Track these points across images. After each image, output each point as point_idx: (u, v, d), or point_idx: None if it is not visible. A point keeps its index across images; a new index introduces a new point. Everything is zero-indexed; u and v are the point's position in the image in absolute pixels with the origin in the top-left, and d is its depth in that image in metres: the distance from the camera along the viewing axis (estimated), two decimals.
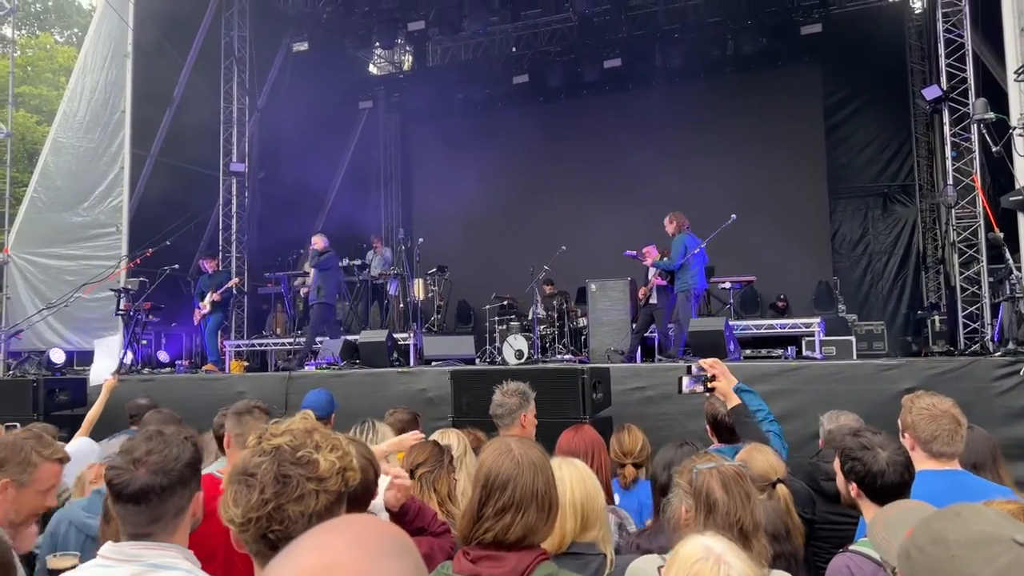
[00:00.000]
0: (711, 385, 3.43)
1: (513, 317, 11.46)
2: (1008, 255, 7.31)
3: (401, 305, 12.19)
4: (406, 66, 17.77)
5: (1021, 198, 7.60)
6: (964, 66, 9.53)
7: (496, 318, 11.42)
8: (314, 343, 10.23)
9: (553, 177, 14.74)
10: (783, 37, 13.21)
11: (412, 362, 9.85)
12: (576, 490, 2.28)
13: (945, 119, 9.81)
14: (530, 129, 14.60)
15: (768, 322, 10.50)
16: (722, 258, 10.85)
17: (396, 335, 10.10)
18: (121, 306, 9.91)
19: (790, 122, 13.75)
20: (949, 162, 9.67)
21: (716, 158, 13.42)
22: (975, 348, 8.43)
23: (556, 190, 14.58)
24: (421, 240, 12.40)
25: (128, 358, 9.62)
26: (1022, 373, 5.82)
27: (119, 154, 11.32)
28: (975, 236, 9.51)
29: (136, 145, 11.43)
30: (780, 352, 9.13)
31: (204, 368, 10.52)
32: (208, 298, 10.60)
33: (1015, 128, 7.44)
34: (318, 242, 10.33)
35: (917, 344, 11.99)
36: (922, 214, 13.50)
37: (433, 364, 9.13)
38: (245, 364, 11.43)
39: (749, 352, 9.27)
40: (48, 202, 11.60)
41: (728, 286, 10.88)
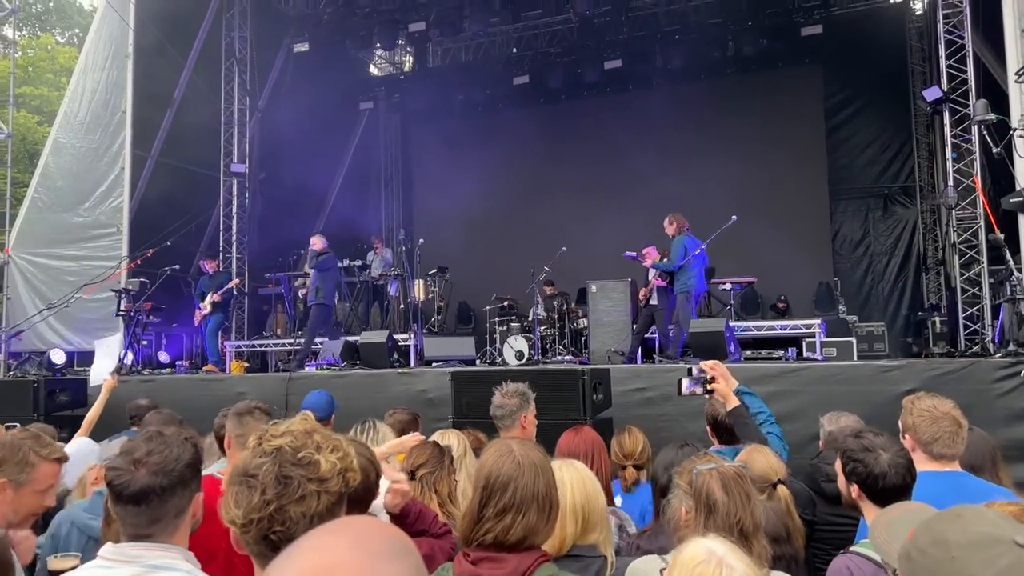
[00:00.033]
0: (710, 387, 3.43)
1: (513, 318, 11.47)
2: (1009, 256, 7.31)
3: (402, 306, 12.18)
4: (407, 67, 17.79)
5: (1022, 199, 7.60)
6: (965, 67, 9.54)
7: (496, 319, 11.43)
8: (312, 344, 10.23)
9: (554, 178, 14.73)
10: (784, 38, 13.22)
11: (412, 363, 9.84)
12: (577, 493, 2.27)
13: (946, 120, 9.82)
14: (531, 130, 14.59)
15: (769, 323, 10.49)
16: (723, 259, 10.85)
17: (396, 336, 10.10)
18: (122, 307, 9.93)
19: (791, 123, 13.74)
20: (950, 163, 9.67)
21: (717, 159, 13.41)
22: (976, 349, 8.44)
23: (557, 191, 14.57)
24: (422, 241, 12.40)
25: (129, 359, 9.63)
26: (1023, 375, 5.82)
27: (120, 155, 11.33)
28: (976, 237, 9.51)
29: (137, 146, 11.44)
30: (781, 353, 9.11)
31: (204, 369, 10.53)
32: (209, 299, 10.61)
33: (1016, 129, 7.44)
34: (317, 243, 10.32)
35: (918, 345, 11.99)
36: (923, 215, 13.50)
37: (433, 365, 9.13)
38: (245, 365, 11.43)
39: (750, 353, 9.27)
40: (49, 202, 11.61)
41: (729, 287, 10.87)
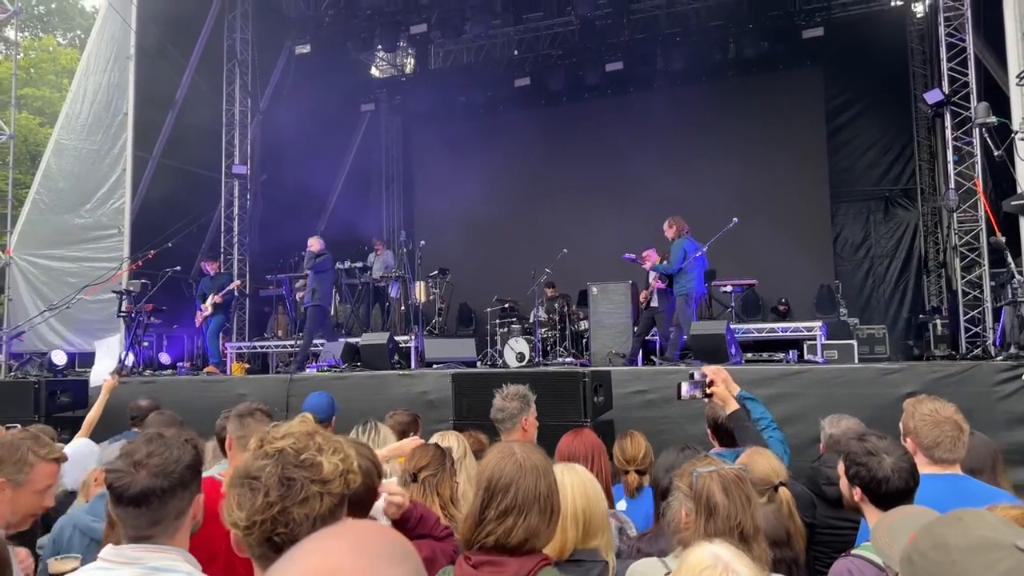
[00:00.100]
0: (709, 391, 3.44)
1: (514, 320, 11.47)
2: (1010, 259, 7.31)
3: (402, 307, 12.17)
4: (408, 69, 17.81)
5: (1023, 202, 7.60)
6: (966, 70, 9.54)
7: (497, 321, 11.42)
8: (311, 345, 10.22)
9: (555, 180, 14.73)
10: (785, 41, 13.21)
11: (413, 365, 9.84)
12: (578, 497, 2.27)
13: (947, 123, 9.82)
14: (532, 132, 14.59)
15: (769, 326, 10.48)
16: (723, 261, 10.85)
17: (397, 337, 10.10)
18: (123, 308, 9.93)
19: (792, 126, 13.74)
20: (951, 166, 9.67)
21: (718, 161, 13.41)
22: (977, 352, 8.44)
23: (557, 193, 14.57)
24: (423, 243, 12.39)
25: (130, 360, 9.63)
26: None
27: (121, 156, 11.33)
28: (977, 240, 9.51)
29: (138, 147, 11.44)
30: (781, 356, 9.10)
31: (205, 370, 10.53)
32: (210, 300, 10.62)
33: (1017, 132, 7.44)
34: (314, 244, 10.32)
35: (919, 348, 11.97)
36: (924, 218, 13.50)
37: (434, 367, 9.14)
38: (246, 366, 11.43)
39: (750, 356, 9.25)
40: (50, 204, 11.62)
41: (729, 289, 10.85)
